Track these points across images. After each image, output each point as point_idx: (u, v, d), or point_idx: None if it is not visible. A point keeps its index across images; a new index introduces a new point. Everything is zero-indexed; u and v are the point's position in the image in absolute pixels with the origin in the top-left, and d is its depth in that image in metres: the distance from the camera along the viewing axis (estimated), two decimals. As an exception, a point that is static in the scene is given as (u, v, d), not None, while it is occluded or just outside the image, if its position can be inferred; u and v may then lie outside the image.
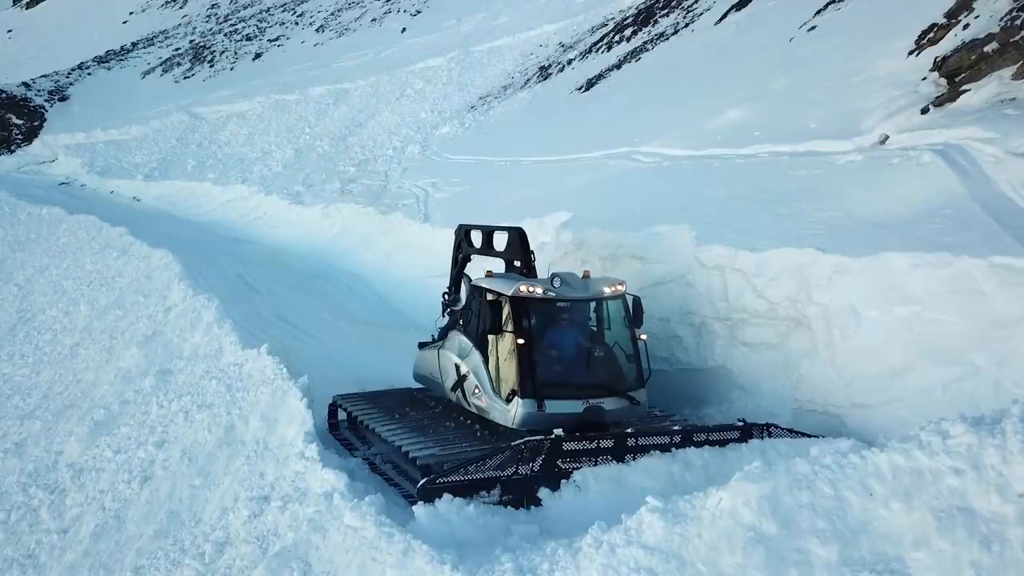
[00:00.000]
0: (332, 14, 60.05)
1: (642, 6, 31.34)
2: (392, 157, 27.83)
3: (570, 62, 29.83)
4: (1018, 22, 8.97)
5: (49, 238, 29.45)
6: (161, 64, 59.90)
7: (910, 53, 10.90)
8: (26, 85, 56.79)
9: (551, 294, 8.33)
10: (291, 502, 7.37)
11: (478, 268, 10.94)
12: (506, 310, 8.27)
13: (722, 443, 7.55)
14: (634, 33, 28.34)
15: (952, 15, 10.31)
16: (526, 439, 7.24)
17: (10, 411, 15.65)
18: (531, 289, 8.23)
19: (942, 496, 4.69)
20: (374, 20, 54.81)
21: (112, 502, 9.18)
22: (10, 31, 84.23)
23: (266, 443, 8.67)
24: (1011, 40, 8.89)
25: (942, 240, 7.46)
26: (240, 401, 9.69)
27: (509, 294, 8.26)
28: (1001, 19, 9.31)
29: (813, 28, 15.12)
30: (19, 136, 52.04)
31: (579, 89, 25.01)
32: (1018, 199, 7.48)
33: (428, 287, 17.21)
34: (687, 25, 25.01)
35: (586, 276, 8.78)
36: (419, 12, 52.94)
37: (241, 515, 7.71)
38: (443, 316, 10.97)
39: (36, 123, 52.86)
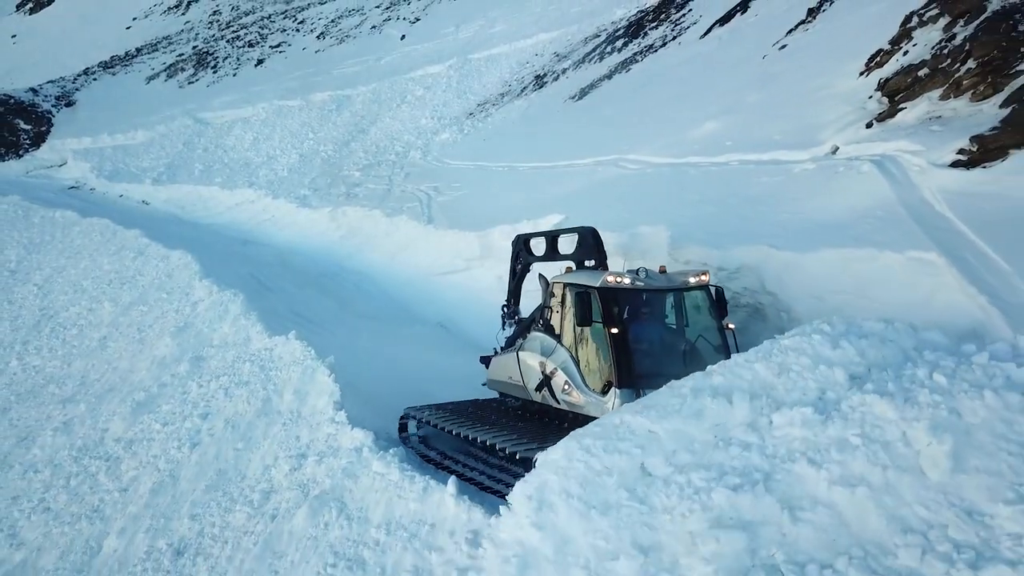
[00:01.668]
0: (333, 21, 61.03)
1: (633, 18, 32.73)
2: (395, 162, 28.99)
3: (564, 71, 31.08)
4: (945, 51, 10.41)
5: (63, 240, 30.30)
6: (165, 70, 60.79)
7: (861, 74, 12.33)
8: (33, 91, 57.64)
9: (639, 284, 8.37)
10: (326, 456, 8.77)
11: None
12: (595, 302, 8.24)
13: None
14: (625, 44, 29.68)
15: (895, 42, 11.74)
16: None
17: (48, 398, 16.92)
18: (619, 280, 8.25)
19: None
20: (374, 27, 55.65)
21: (166, 464, 10.57)
22: (14, 36, 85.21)
23: (299, 412, 10.07)
24: (939, 66, 10.33)
25: (872, 238, 8.89)
26: (274, 379, 11.08)
27: (597, 285, 8.24)
28: (932, 47, 10.75)
29: (784, 47, 16.56)
30: (27, 141, 52.90)
31: (572, 98, 26.30)
32: (935, 203, 8.90)
33: (432, 285, 18.59)
34: (675, 38, 26.33)
35: (662, 271, 8.83)
36: (418, 19, 53.84)
37: (283, 469, 9.11)
38: (503, 328, 11.14)
39: (43, 128, 53.75)
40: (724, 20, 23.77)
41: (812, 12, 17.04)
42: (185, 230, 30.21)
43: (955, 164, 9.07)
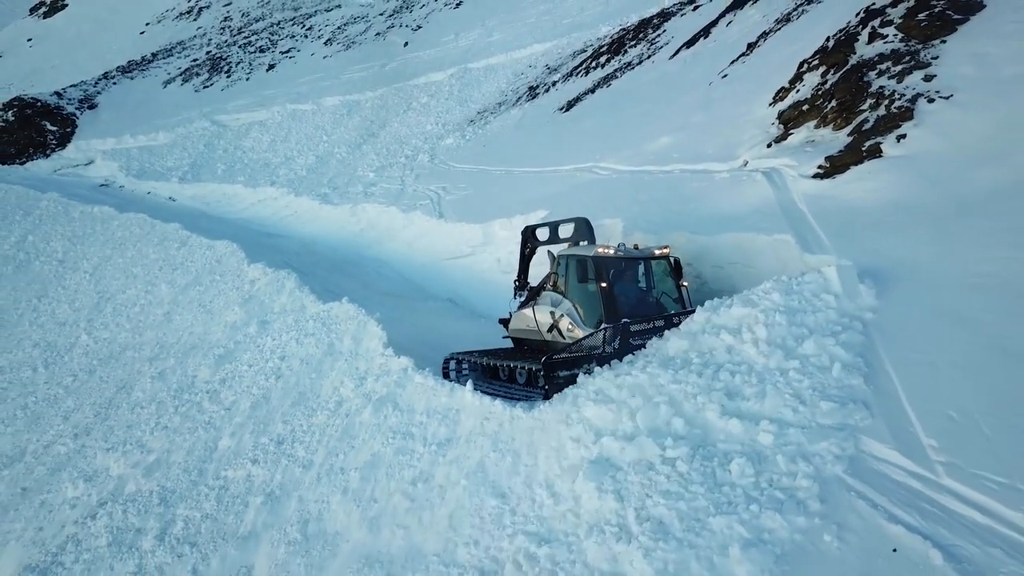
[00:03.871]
0: (339, 28, 64.23)
1: (615, 35, 36.51)
2: (405, 164, 32.50)
3: (554, 84, 34.64)
4: (820, 91, 14.38)
5: (104, 233, 33.31)
6: (181, 74, 63.93)
7: (769, 105, 16.30)
8: (58, 94, 61.05)
9: (620, 253, 11.63)
10: (381, 376, 12.75)
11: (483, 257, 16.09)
12: (590, 266, 11.42)
13: None
14: (607, 60, 33.41)
15: (792, 82, 15.72)
16: (610, 324, 10.45)
17: (130, 360, 20.63)
18: (606, 250, 11.46)
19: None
20: (378, 34, 58.71)
21: (257, 390, 14.55)
22: (30, 40, 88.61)
23: (356, 352, 14.05)
24: (816, 103, 14.29)
25: (756, 226, 12.86)
26: (334, 330, 15.06)
27: (591, 255, 11.51)
28: (813, 88, 14.72)
29: (726, 76, 20.48)
30: (53, 141, 56.42)
31: (560, 109, 29.94)
32: (798, 202, 12.84)
33: (442, 268, 22.48)
34: (649, 56, 30.03)
35: (635, 247, 12.14)
36: (420, 27, 56.84)
37: (348, 387, 13.08)
38: (515, 298, 14.11)
39: (68, 129, 57.27)
40: (690, 43, 27.50)
41: (751, 47, 20.97)
42: (213, 224, 33.35)
43: (815, 176, 13.03)
